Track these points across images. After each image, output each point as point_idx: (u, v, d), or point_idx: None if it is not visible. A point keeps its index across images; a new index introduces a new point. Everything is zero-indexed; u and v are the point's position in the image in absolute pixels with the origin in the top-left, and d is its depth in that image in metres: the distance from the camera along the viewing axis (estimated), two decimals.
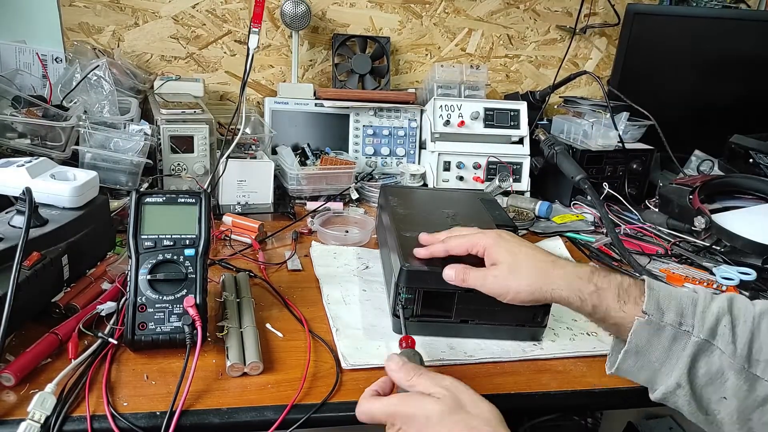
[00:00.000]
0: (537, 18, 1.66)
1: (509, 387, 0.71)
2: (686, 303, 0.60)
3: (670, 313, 0.60)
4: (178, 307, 0.70)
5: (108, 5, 1.41)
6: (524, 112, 1.43)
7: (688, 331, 0.59)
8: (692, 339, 0.59)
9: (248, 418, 0.63)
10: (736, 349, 0.58)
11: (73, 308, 0.75)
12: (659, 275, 1.02)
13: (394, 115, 1.46)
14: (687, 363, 0.58)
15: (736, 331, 0.58)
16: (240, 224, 1.08)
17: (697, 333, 0.59)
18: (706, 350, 0.58)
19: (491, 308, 0.76)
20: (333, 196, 1.28)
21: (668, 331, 0.59)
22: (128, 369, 0.67)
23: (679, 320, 0.59)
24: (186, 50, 1.49)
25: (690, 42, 1.52)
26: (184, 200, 0.75)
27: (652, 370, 0.61)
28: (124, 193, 1.09)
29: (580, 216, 1.30)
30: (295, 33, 1.44)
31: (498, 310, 0.76)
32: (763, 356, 0.57)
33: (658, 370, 0.60)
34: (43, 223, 0.77)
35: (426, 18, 1.60)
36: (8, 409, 0.59)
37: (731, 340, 0.58)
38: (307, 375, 0.69)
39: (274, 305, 0.85)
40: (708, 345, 0.58)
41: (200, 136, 1.17)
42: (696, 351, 0.58)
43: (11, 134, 1.05)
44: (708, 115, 1.56)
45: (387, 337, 0.78)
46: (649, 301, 0.60)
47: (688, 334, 0.59)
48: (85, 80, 1.17)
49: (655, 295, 0.61)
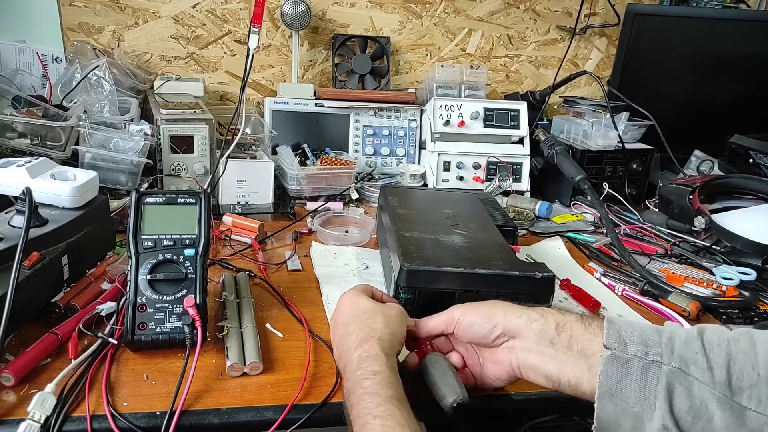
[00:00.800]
0: (537, 18, 1.66)
1: (509, 387, 0.71)
2: (649, 332, 0.56)
3: (633, 344, 0.55)
4: (178, 307, 0.70)
5: (108, 5, 1.41)
6: (524, 112, 1.43)
7: (656, 360, 0.54)
8: (663, 368, 0.53)
9: (248, 418, 0.63)
10: (713, 375, 0.52)
11: (73, 308, 0.75)
12: (659, 275, 1.02)
13: (394, 115, 1.46)
14: (665, 397, 0.52)
15: (709, 356, 0.53)
16: (240, 224, 1.08)
17: (667, 361, 0.53)
18: (681, 380, 0.53)
19: None
20: (333, 196, 1.28)
21: (636, 363, 0.54)
22: (128, 369, 0.67)
23: (644, 350, 0.55)
24: (186, 50, 1.49)
25: (690, 42, 1.52)
26: (184, 200, 0.75)
27: (632, 414, 0.54)
28: (124, 193, 1.10)
29: (580, 216, 1.30)
30: (295, 33, 1.44)
31: None
32: (746, 382, 0.51)
33: (640, 415, 0.54)
34: (43, 223, 0.77)
35: (426, 18, 1.60)
36: (8, 409, 0.59)
37: (706, 366, 0.52)
38: (307, 375, 0.69)
39: (274, 305, 0.85)
40: (682, 374, 0.53)
41: (200, 136, 1.17)
42: (670, 380, 0.53)
43: (11, 134, 1.05)
44: (708, 115, 1.56)
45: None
46: (609, 334, 0.56)
47: (657, 363, 0.54)
48: (85, 80, 1.17)
49: (615, 327, 0.57)
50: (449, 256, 0.80)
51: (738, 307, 0.93)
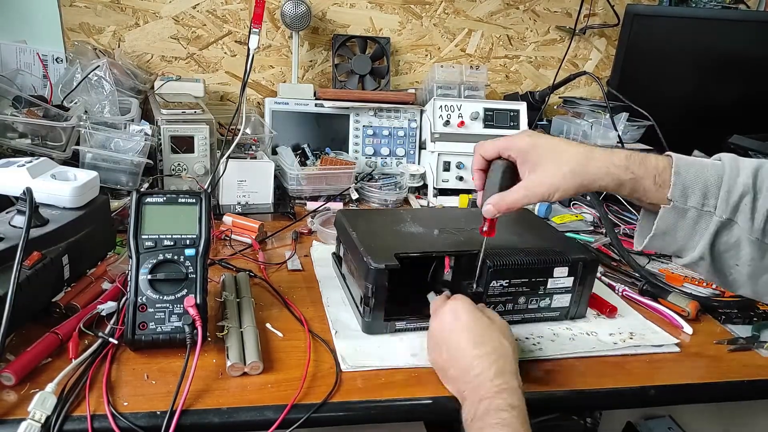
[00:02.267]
0: (537, 19, 1.66)
1: None
2: (711, 184, 0.63)
3: (694, 196, 0.63)
4: (178, 307, 0.70)
5: (108, 5, 1.41)
6: (524, 113, 1.43)
7: (710, 211, 0.63)
8: (714, 219, 0.63)
9: (248, 417, 0.63)
10: (753, 225, 0.62)
11: (73, 308, 0.75)
12: (658, 275, 1.03)
13: (394, 116, 1.46)
14: (710, 239, 0.63)
15: (756, 207, 0.62)
16: (240, 224, 1.08)
17: (720, 213, 0.63)
18: (728, 226, 0.63)
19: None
20: (333, 196, 1.28)
21: (692, 213, 0.64)
22: (128, 369, 0.67)
23: (702, 202, 0.63)
24: (186, 51, 1.49)
25: (689, 43, 1.52)
26: (184, 200, 0.75)
27: (677, 246, 0.66)
28: (125, 193, 1.10)
29: (579, 216, 1.30)
30: (295, 33, 1.44)
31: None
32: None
33: (683, 246, 0.66)
34: (43, 223, 0.78)
35: (426, 19, 1.60)
36: (9, 409, 0.59)
37: (750, 217, 0.62)
38: (307, 375, 0.69)
39: (274, 305, 0.85)
40: (729, 222, 0.63)
41: (200, 137, 1.17)
42: (718, 228, 0.63)
43: (12, 134, 1.05)
44: (707, 115, 1.56)
45: (387, 338, 0.78)
46: (675, 188, 0.64)
47: (710, 214, 0.63)
48: (86, 80, 1.18)
49: (680, 180, 0.64)
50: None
51: (737, 307, 0.93)
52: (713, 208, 0.63)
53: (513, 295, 0.82)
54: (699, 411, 1.06)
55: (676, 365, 0.79)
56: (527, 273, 0.82)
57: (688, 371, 0.78)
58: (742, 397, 0.80)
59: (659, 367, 0.78)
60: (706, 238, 0.64)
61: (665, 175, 0.64)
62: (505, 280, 0.81)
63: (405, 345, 0.77)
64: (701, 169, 0.64)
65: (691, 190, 0.64)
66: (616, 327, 0.86)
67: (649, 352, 0.81)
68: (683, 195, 0.64)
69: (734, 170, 0.64)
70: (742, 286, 0.66)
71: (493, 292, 0.81)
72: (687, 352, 0.82)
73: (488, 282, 0.80)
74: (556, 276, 0.83)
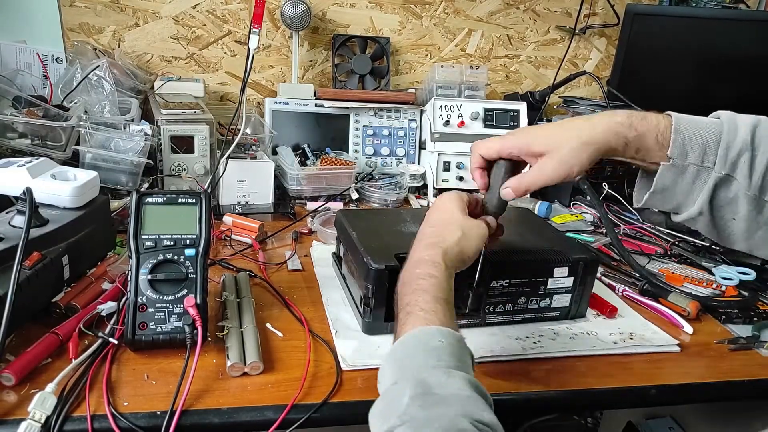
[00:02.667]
0: (537, 18, 1.66)
1: (508, 386, 0.71)
2: (710, 141, 0.64)
3: (693, 153, 0.64)
4: (178, 307, 0.70)
5: (108, 5, 1.41)
6: (524, 113, 1.43)
7: (709, 167, 0.64)
8: (713, 174, 0.64)
9: (248, 417, 0.63)
10: (751, 181, 0.63)
11: (73, 308, 0.75)
12: (659, 275, 1.03)
13: (394, 116, 1.46)
14: (708, 195, 0.64)
15: (754, 164, 0.63)
16: (240, 224, 1.08)
17: (719, 169, 0.64)
18: (726, 182, 0.64)
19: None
20: (333, 196, 1.28)
21: (691, 169, 0.64)
22: (128, 369, 0.67)
23: (701, 159, 0.64)
24: (186, 51, 1.49)
25: (689, 42, 1.52)
26: (184, 200, 0.75)
27: (676, 202, 0.67)
28: (125, 193, 1.10)
29: (579, 216, 1.30)
30: (295, 33, 1.44)
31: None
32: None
33: (682, 202, 0.67)
34: (43, 223, 0.78)
35: (426, 18, 1.60)
36: (9, 409, 0.59)
37: (748, 173, 0.63)
38: (307, 375, 0.69)
39: (275, 305, 0.85)
40: (728, 178, 0.64)
41: (200, 137, 1.17)
42: (717, 183, 0.64)
43: (12, 134, 1.05)
44: (707, 115, 1.55)
45: (386, 337, 0.78)
46: (674, 146, 0.64)
47: (709, 169, 0.64)
48: (86, 80, 1.18)
49: (680, 138, 0.64)
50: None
51: (737, 307, 0.93)
52: (712, 164, 0.64)
53: (513, 294, 0.82)
54: (700, 411, 1.06)
55: (676, 365, 0.79)
56: (527, 273, 0.82)
57: (689, 371, 0.78)
58: (742, 397, 0.80)
59: (660, 367, 0.78)
60: (705, 194, 0.65)
61: (666, 134, 0.65)
62: (505, 280, 0.81)
63: None
64: (700, 127, 0.65)
65: (690, 147, 0.64)
66: (617, 327, 0.86)
67: (650, 352, 0.81)
68: (682, 152, 0.64)
69: (732, 127, 0.65)
70: (738, 241, 0.68)
71: (493, 292, 0.81)
72: (687, 352, 0.82)
73: (488, 282, 0.80)
74: (556, 276, 0.83)
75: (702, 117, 0.67)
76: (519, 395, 0.70)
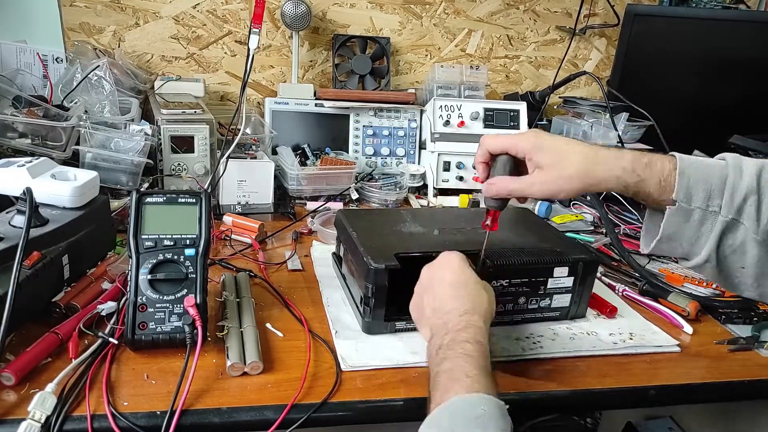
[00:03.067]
0: (537, 19, 1.66)
1: (508, 386, 0.71)
2: (716, 184, 0.63)
3: (698, 196, 0.63)
4: (178, 307, 0.70)
5: (109, 5, 1.41)
6: (524, 113, 1.43)
7: (715, 211, 0.63)
8: (720, 219, 0.63)
9: (248, 417, 0.63)
10: (759, 225, 0.62)
11: (73, 308, 0.75)
12: (659, 275, 1.03)
13: (394, 116, 1.46)
14: (715, 241, 0.63)
15: (761, 208, 0.62)
16: (240, 224, 1.08)
17: (725, 213, 0.62)
18: (733, 227, 0.63)
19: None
20: (333, 196, 1.28)
21: (697, 214, 0.63)
22: (128, 368, 0.67)
23: (707, 203, 0.63)
24: (186, 50, 1.49)
25: (690, 43, 1.52)
26: (184, 200, 0.75)
27: (683, 250, 0.66)
28: (125, 193, 1.10)
29: (579, 216, 1.30)
30: (295, 33, 1.44)
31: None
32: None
33: (689, 251, 0.66)
34: (43, 223, 0.78)
35: (426, 19, 1.60)
36: (9, 409, 0.59)
37: (756, 217, 0.62)
38: (307, 375, 0.69)
39: (274, 305, 0.85)
40: (735, 223, 0.62)
41: (201, 137, 1.17)
42: (723, 229, 0.63)
43: (12, 134, 1.05)
44: (707, 115, 1.56)
45: (386, 337, 0.78)
46: (679, 189, 0.63)
47: (715, 213, 0.63)
48: (86, 80, 1.18)
49: (685, 181, 0.64)
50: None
51: (737, 307, 0.92)
52: (718, 208, 0.63)
53: (513, 295, 0.82)
54: (700, 411, 1.06)
55: (676, 365, 0.79)
56: (527, 273, 0.82)
57: (689, 371, 0.78)
58: (742, 397, 0.80)
59: (660, 367, 0.78)
60: (712, 240, 0.63)
61: (670, 178, 0.64)
62: (505, 280, 0.81)
63: (405, 345, 0.77)
64: (705, 170, 0.64)
65: (695, 191, 0.63)
66: (617, 327, 0.86)
67: (650, 352, 0.81)
68: (688, 195, 0.63)
69: (738, 170, 0.64)
70: (748, 289, 0.66)
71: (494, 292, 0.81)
72: (687, 352, 0.82)
73: (489, 281, 0.80)
74: (555, 276, 0.83)
75: (707, 158, 0.67)
76: (519, 395, 0.70)
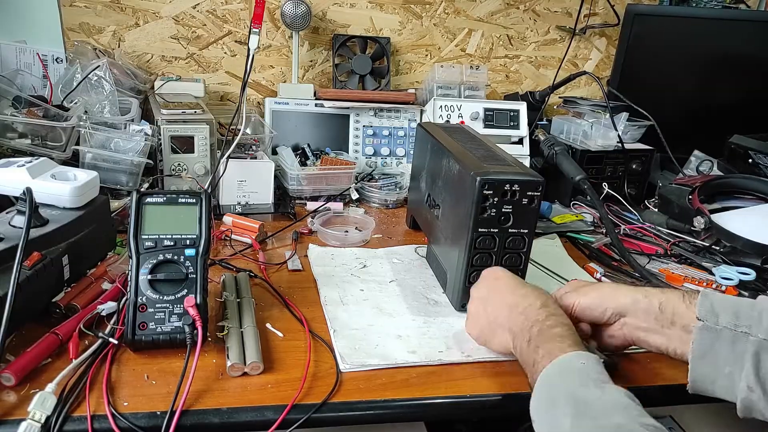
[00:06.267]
0: (537, 18, 1.66)
1: (509, 386, 0.71)
2: (743, 305, 0.64)
3: (724, 315, 0.63)
4: (178, 307, 0.70)
5: (108, 5, 1.41)
6: (524, 113, 1.43)
7: (745, 332, 0.62)
8: (751, 339, 0.61)
9: (248, 418, 0.63)
10: None
11: (73, 308, 0.75)
12: (659, 275, 1.03)
13: (394, 116, 1.46)
14: (753, 362, 0.60)
15: None
16: (240, 224, 1.08)
17: (755, 332, 0.61)
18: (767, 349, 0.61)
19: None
20: (333, 196, 1.28)
21: (726, 333, 0.62)
22: (128, 369, 0.67)
23: (734, 321, 0.62)
24: (186, 50, 1.49)
25: (690, 42, 1.52)
26: (184, 200, 0.75)
27: (724, 378, 0.63)
28: (125, 193, 1.10)
29: (579, 216, 1.30)
30: (295, 33, 1.44)
31: None
32: None
33: (732, 374, 0.62)
34: (43, 223, 0.78)
35: (426, 18, 1.60)
36: (8, 409, 0.59)
37: None
38: (308, 375, 0.69)
39: (275, 305, 0.85)
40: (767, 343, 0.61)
41: (201, 137, 1.17)
42: (757, 349, 0.60)
43: (12, 134, 1.05)
44: (707, 115, 1.56)
45: (385, 336, 0.78)
46: (702, 307, 0.64)
47: (746, 335, 0.62)
48: (86, 80, 1.18)
49: (708, 301, 0.64)
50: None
51: None
52: (747, 328, 0.62)
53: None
54: (700, 411, 1.06)
55: (676, 365, 0.79)
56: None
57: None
58: None
59: (660, 367, 0.78)
60: (749, 362, 0.60)
61: (694, 297, 0.66)
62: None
63: (404, 344, 0.77)
64: (726, 296, 0.66)
65: (721, 309, 0.63)
66: None
67: (650, 352, 0.80)
68: (713, 313, 0.63)
69: (763, 298, 0.65)
70: None
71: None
72: None
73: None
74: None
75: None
76: (519, 395, 0.70)
